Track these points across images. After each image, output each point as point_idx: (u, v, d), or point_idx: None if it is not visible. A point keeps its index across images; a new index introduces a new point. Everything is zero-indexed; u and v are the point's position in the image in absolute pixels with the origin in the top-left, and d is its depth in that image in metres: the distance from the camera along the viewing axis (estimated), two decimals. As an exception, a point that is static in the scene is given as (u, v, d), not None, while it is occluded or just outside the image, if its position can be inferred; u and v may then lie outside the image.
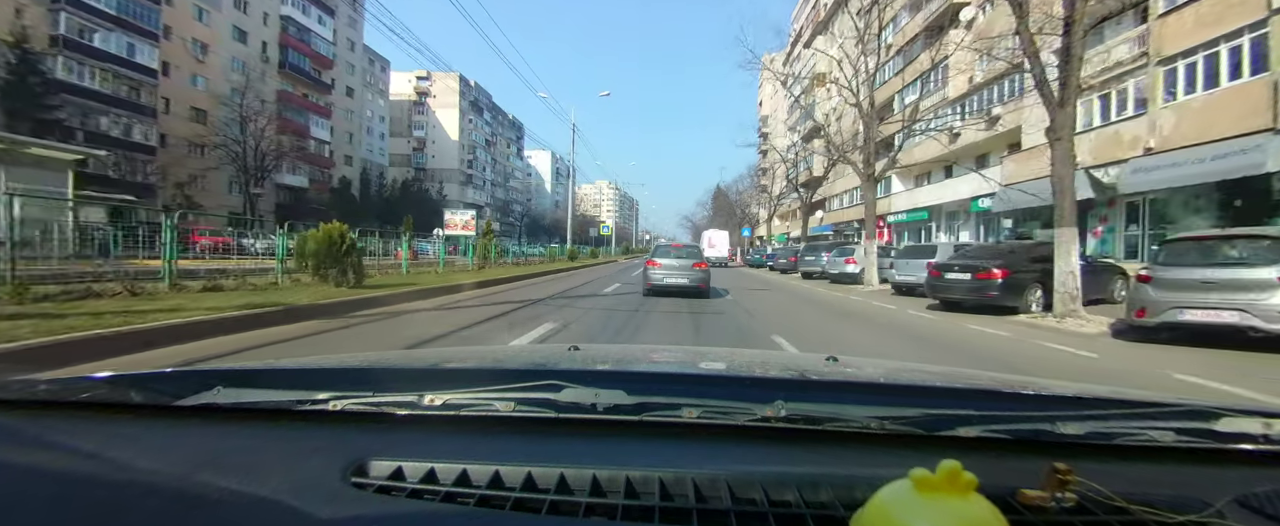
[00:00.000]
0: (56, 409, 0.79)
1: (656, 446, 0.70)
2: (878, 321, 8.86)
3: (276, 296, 7.36)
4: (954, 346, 6.49)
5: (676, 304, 9.83)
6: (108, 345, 4.22)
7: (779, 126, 59.92)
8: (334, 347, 5.25)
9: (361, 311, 7.52)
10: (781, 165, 45.54)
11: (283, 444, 0.70)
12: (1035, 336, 7.20)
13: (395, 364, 1.18)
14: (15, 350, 3.67)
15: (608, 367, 1.23)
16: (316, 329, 6.03)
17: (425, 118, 77.21)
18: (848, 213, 37.15)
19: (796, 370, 1.22)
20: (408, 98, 76.60)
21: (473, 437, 0.72)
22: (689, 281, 10.76)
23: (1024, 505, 0.56)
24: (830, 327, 8.04)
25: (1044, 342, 6.70)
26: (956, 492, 0.42)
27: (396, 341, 5.73)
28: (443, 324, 7.07)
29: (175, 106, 36.58)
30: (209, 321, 5.27)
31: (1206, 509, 0.57)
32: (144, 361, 4.14)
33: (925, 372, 1.34)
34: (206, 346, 4.73)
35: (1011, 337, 7.07)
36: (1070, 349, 6.24)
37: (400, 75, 75.20)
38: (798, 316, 9.32)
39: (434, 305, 8.99)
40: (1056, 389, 1.00)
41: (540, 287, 13.28)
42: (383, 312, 7.74)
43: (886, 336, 7.31)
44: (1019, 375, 1.65)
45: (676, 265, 10.89)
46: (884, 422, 0.72)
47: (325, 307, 6.99)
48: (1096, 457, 0.68)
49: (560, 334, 6.39)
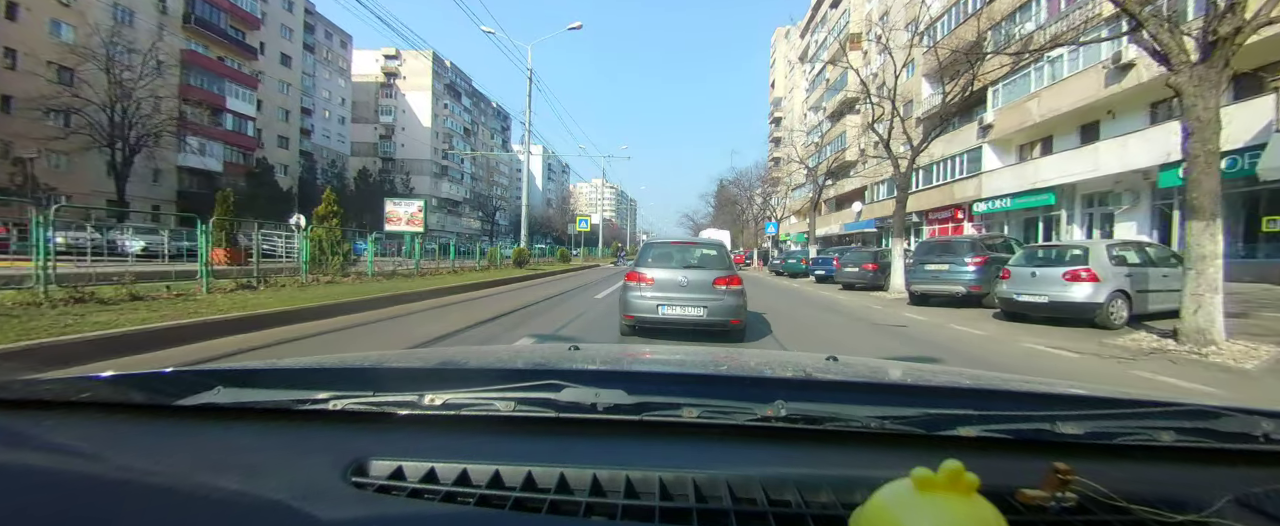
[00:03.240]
0: (57, 408, 0.79)
1: (656, 446, 0.70)
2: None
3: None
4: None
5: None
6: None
7: (796, 109, 51.32)
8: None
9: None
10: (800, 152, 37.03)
11: (283, 443, 0.70)
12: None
13: (395, 363, 1.14)
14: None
15: (608, 367, 1.21)
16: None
17: (394, 102, 68.50)
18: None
19: (796, 369, 1.21)
20: (374, 79, 67.93)
21: (473, 437, 0.72)
22: (706, 313, 5.49)
23: (1024, 505, 0.56)
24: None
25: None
26: (957, 492, 0.41)
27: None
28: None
29: (25, 60, 27.99)
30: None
31: (1206, 508, 0.57)
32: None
33: (925, 372, 1.30)
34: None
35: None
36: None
37: (365, 54, 66.57)
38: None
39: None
40: (1056, 389, 0.99)
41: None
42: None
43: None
44: (1020, 375, 1.41)
45: (683, 281, 5.62)
46: (884, 422, 0.72)
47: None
48: (1096, 457, 0.68)
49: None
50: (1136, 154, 14.52)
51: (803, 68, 50.68)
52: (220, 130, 37.40)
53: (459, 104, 75.17)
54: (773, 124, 61.84)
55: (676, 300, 5.55)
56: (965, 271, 9.62)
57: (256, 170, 37.15)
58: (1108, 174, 15.60)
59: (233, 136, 38.35)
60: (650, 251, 6.19)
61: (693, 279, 5.63)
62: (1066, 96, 17.13)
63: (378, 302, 7.83)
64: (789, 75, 56.08)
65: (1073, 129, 18.03)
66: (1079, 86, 16.72)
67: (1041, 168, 18.07)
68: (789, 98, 55.70)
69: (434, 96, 69.33)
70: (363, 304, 7.53)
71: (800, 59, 51.15)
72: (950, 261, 9.86)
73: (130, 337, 4.42)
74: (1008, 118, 19.49)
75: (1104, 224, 16.83)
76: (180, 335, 4.79)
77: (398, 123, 67.73)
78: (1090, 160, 15.99)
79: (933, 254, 10.40)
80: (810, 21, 47.37)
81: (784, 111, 57.77)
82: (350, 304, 7.29)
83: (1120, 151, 15.07)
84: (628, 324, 5.71)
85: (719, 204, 58.85)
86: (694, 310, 5.51)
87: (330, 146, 57.64)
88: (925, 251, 10.65)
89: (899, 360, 1.70)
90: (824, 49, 42.68)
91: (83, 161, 29.72)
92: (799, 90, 51.48)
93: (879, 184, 31.19)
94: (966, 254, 9.76)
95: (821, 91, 42.40)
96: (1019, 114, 18.98)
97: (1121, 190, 15.87)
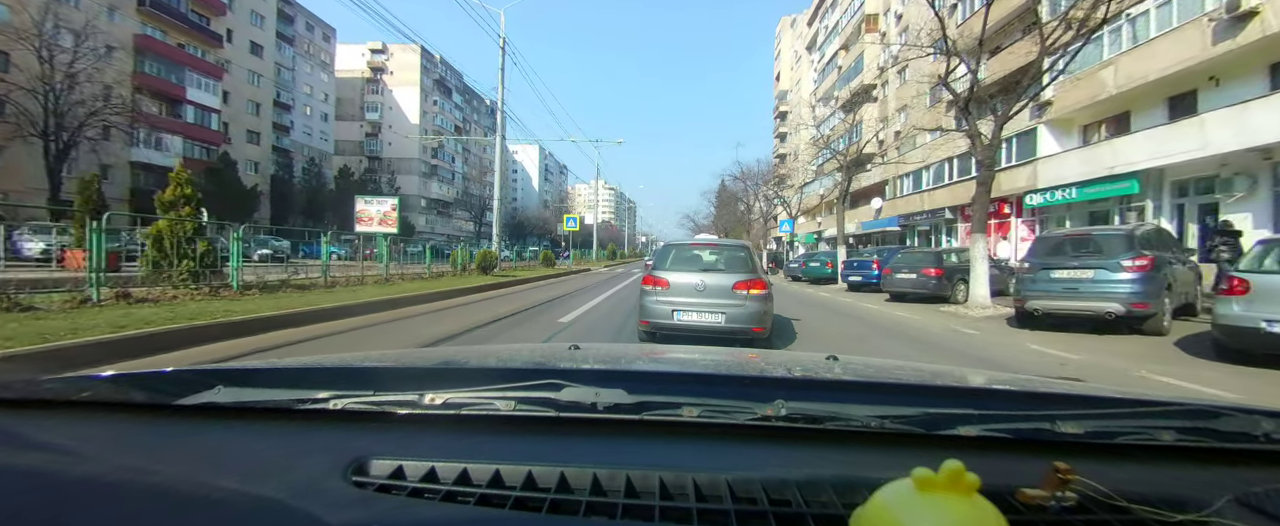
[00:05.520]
0: (58, 408, 0.78)
1: (657, 445, 0.70)
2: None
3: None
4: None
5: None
6: None
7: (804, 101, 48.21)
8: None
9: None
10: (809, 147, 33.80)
11: (283, 443, 0.70)
12: None
13: (396, 363, 1.14)
14: None
15: (608, 367, 1.21)
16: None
17: (381, 98, 65.39)
18: (931, 197, 25.36)
19: (797, 369, 1.21)
20: (360, 75, 64.83)
21: (473, 436, 0.72)
22: (725, 319, 5.23)
23: (1024, 504, 0.55)
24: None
25: None
26: (958, 492, 0.41)
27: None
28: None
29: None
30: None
31: (1206, 508, 0.56)
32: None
33: (925, 372, 1.30)
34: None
35: None
36: None
37: (351, 48, 63.46)
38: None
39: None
40: (1056, 388, 0.98)
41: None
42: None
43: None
44: (1019, 374, 1.44)
45: (700, 285, 5.41)
46: (884, 421, 0.71)
47: None
48: (1096, 457, 0.67)
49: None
50: (1262, 126, 11.37)
51: (810, 57, 47.57)
52: (179, 122, 34.34)
53: (449, 101, 72.04)
54: (778, 119, 58.69)
55: (693, 305, 5.30)
56: (1120, 282, 6.44)
57: (217, 165, 33.94)
58: (1213, 155, 12.45)
59: (195, 130, 35.26)
60: (669, 253, 5.96)
61: (711, 282, 5.35)
62: (1154, 61, 13.99)
63: (156, 342, 4.64)
64: (795, 66, 52.96)
65: (1158, 101, 14.88)
66: (1171, 48, 13.59)
67: (1120, 150, 14.90)
68: (795, 90, 52.56)
69: (423, 93, 66.21)
70: (121, 346, 4.37)
71: (808, 48, 48.06)
72: (1095, 265, 6.65)
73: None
74: (1073, 92, 16.34)
75: (1203, 217, 13.69)
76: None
77: (385, 120, 64.55)
78: (1194, 137, 12.82)
79: (1063, 255, 7.17)
80: (819, 7, 44.29)
81: (790, 105, 54.61)
82: (85, 348, 4.14)
83: (1236, 124, 11.91)
84: (644, 330, 5.58)
85: (720, 203, 55.59)
86: (712, 316, 5.24)
87: (312, 144, 54.50)
88: (1051, 250, 7.40)
89: (899, 361, 1.72)
90: (835, 34, 39.59)
91: (21, 154, 26.58)
92: (806, 81, 48.36)
93: (903, 177, 28.06)
94: (1121, 253, 6.55)
95: (833, 80, 39.29)
96: (1089, 86, 15.84)
97: (1230, 173, 12.72)
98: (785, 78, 56.87)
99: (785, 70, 56.96)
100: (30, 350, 3.87)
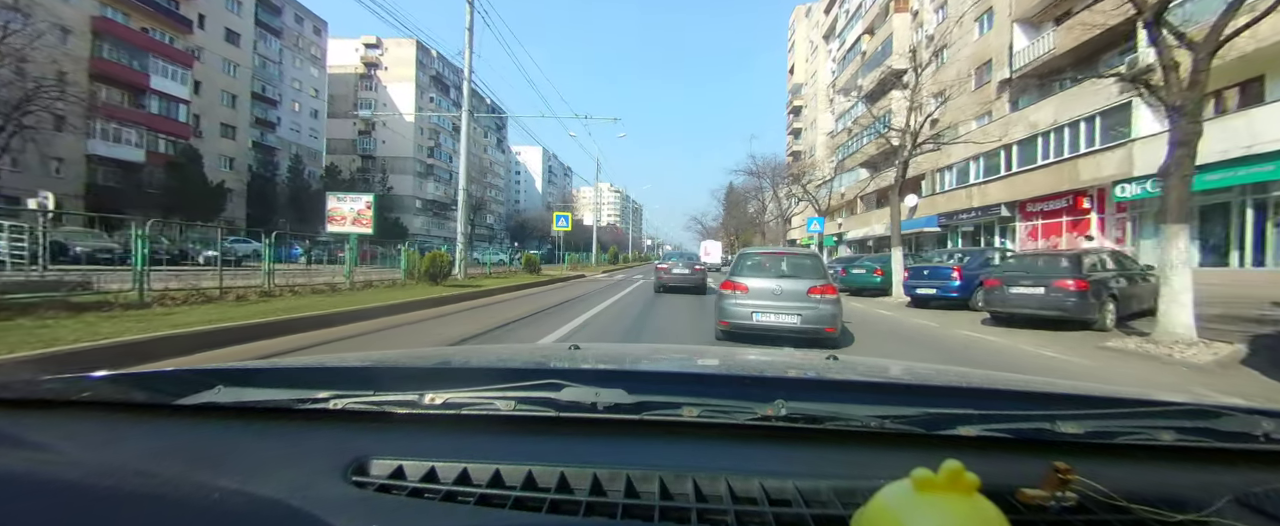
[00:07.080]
0: (58, 408, 0.78)
1: (657, 445, 0.70)
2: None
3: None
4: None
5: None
6: None
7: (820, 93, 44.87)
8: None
9: None
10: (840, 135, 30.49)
11: (283, 442, 0.70)
12: None
13: (396, 363, 1.14)
14: None
15: (608, 367, 1.21)
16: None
17: (374, 95, 62.67)
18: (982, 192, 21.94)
19: (797, 369, 1.21)
20: (353, 70, 62.16)
21: (473, 436, 0.72)
22: (801, 320, 6.08)
23: (1024, 504, 0.55)
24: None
25: None
26: (958, 492, 0.41)
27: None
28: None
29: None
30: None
31: (1206, 508, 0.56)
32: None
33: (925, 372, 1.29)
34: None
35: None
36: None
37: (343, 43, 60.79)
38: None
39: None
40: (1056, 388, 0.97)
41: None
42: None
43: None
44: (1019, 374, 1.40)
45: (777, 289, 6.20)
46: (884, 421, 0.71)
47: None
48: (1096, 457, 0.67)
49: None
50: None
51: (827, 47, 44.27)
52: (143, 113, 31.43)
53: (447, 98, 69.11)
54: (791, 114, 55.37)
55: (771, 308, 5.84)
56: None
57: (178, 160, 30.99)
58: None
59: (160, 121, 32.35)
60: (745, 260, 6.49)
61: (787, 287, 5.92)
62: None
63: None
64: (811, 58, 49.64)
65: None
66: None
67: (1257, 121, 11.51)
68: (811, 83, 49.24)
69: (419, 90, 63.41)
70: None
71: (825, 37, 44.76)
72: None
73: None
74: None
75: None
76: None
77: (378, 117, 61.86)
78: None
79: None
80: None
81: (805, 99, 51.30)
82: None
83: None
84: (722, 330, 6.05)
85: (729, 204, 52.17)
86: (789, 317, 5.76)
87: (301, 142, 51.76)
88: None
89: (899, 361, 1.73)
90: (857, 18, 36.28)
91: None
92: (824, 73, 45.03)
93: (944, 170, 24.67)
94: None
95: (856, 67, 35.92)
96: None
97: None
98: (800, 70, 53.54)
99: (800, 62, 53.64)
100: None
